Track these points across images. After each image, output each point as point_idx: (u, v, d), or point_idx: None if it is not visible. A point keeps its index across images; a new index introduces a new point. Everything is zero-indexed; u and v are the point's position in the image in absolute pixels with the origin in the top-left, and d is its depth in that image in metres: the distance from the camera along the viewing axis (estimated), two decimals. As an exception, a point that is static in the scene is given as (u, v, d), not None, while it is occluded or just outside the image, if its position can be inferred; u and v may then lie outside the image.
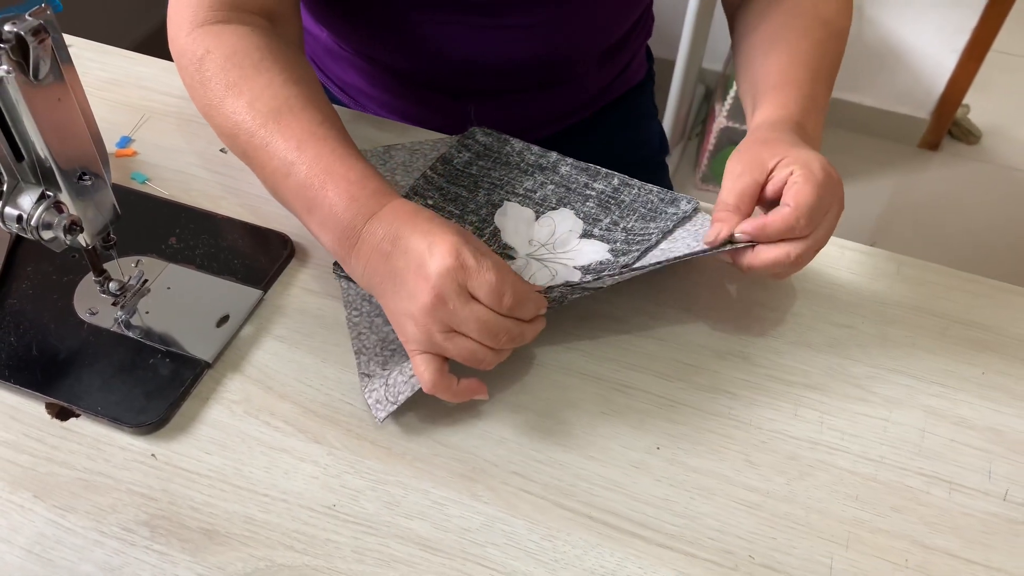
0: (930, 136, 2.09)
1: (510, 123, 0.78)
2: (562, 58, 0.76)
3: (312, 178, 0.54)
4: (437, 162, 0.69)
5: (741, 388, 0.57)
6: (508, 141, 0.70)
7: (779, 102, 0.61)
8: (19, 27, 0.43)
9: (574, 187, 0.67)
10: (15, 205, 0.48)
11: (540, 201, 0.67)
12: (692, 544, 0.49)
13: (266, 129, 0.56)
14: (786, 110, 0.60)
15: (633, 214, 0.65)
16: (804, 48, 0.64)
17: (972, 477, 0.53)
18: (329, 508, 0.50)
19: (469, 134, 0.71)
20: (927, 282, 0.65)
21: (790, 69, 0.63)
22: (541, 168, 0.68)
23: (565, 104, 0.82)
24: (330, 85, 0.86)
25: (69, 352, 0.56)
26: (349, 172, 0.54)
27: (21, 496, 0.50)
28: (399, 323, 0.51)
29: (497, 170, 0.69)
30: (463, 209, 0.66)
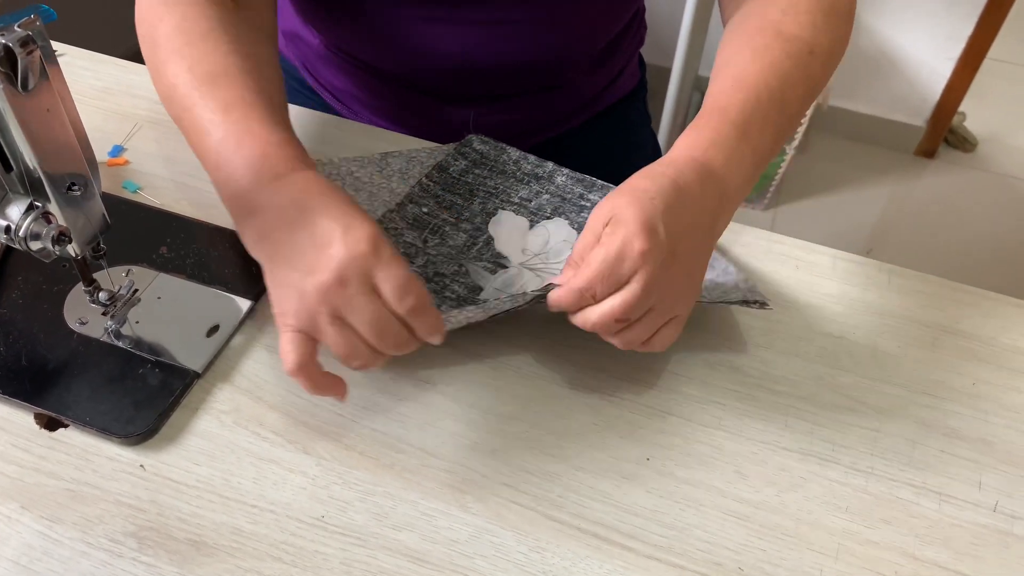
0: (926, 144, 2.09)
1: (503, 128, 0.78)
2: (553, 60, 0.76)
3: (230, 136, 0.53)
4: (433, 170, 0.69)
5: (731, 399, 0.57)
6: (505, 150, 0.70)
7: (691, 134, 0.55)
8: (7, 38, 0.43)
9: (569, 198, 0.67)
10: (3, 216, 0.48)
11: (535, 210, 0.67)
12: (682, 556, 0.49)
13: (199, 92, 0.55)
14: (694, 140, 0.55)
15: None
16: (751, 71, 0.57)
17: (962, 488, 0.53)
18: (318, 519, 0.50)
19: (466, 142, 0.71)
20: (917, 292, 0.65)
21: (723, 96, 0.57)
22: (537, 178, 0.69)
23: (558, 110, 0.83)
24: (323, 92, 0.86)
25: (58, 362, 0.56)
26: (270, 135, 0.52)
27: (8, 507, 0.50)
28: (281, 294, 0.49)
29: (493, 179, 0.69)
30: (458, 217, 0.66)
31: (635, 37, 0.86)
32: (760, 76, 0.57)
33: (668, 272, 0.50)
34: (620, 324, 0.50)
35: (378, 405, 0.55)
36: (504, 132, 0.77)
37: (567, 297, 0.50)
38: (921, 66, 1.98)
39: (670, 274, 0.50)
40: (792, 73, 0.58)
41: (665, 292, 0.50)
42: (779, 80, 0.57)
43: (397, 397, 0.56)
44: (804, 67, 0.59)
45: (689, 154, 0.54)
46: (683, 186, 0.51)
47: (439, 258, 0.63)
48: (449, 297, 0.60)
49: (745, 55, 0.59)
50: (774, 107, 0.57)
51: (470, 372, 0.58)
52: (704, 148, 0.54)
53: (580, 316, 0.51)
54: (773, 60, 0.58)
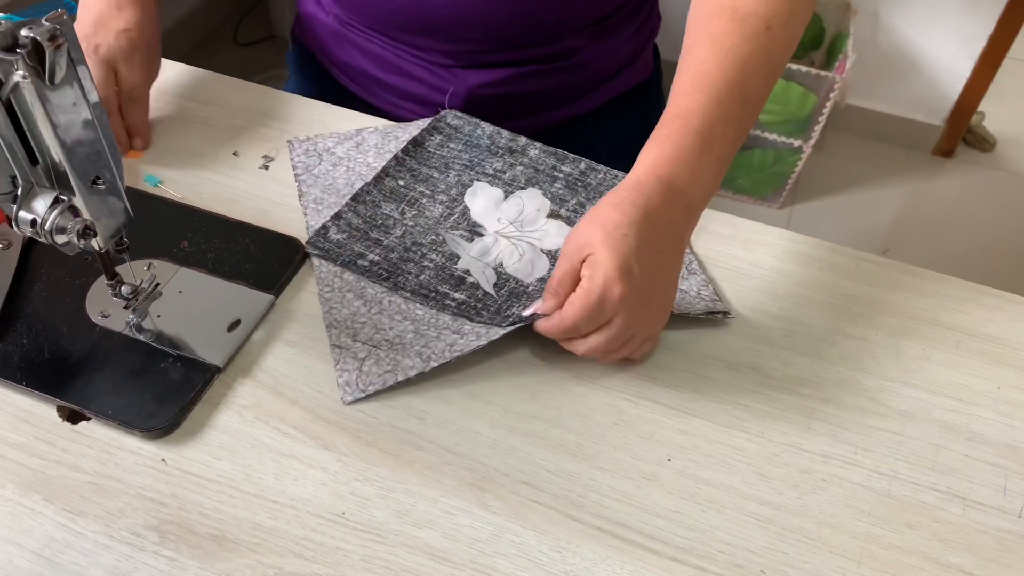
0: (944, 143, 2.07)
1: (513, 102, 0.79)
2: (550, 20, 0.76)
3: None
4: (409, 144, 0.71)
5: (753, 400, 0.57)
6: (479, 125, 0.73)
7: (655, 149, 0.56)
8: (35, 32, 0.43)
9: (542, 169, 0.70)
10: (29, 209, 0.48)
11: (509, 181, 0.69)
12: (703, 558, 0.49)
13: None
14: (659, 158, 0.56)
15: (599, 196, 0.68)
16: (708, 65, 0.57)
17: (987, 493, 0.53)
18: (338, 516, 0.50)
19: (440, 117, 0.74)
20: (941, 294, 0.64)
21: (684, 98, 0.57)
22: (511, 151, 0.71)
23: (567, 85, 0.83)
24: (339, 75, 0.88)
25: (81, 355, 0.56)
26: None
27: (32, 499, 0.50)
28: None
29: (468, 152, 0.72)
30: (434, 189, 0.68)
31: (645, 21, 0.87)
32: (719, 71, 0.57)
33: (645, 304, 0.54)
34: (607, 352, 0.55)
35: (397, 402, 0.55)
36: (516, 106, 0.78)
37: (554, 333, 0.54)
38: (940, 65, 1.96)
39: (647, 305, 0.54)
40: (751, 58, 0.57)
41: (643, 321, 0.55)
42: (738, 71, 0.57)
43: (417, 394, 0.56)
44: (763, 46, 0.58)
45: (655, 173, 0.55)
46: (652, 212, 0.53)
47: (416, 229, 0.65)
48: (427, 266, 0.62)
49: (704, 45, 0.58)
50: (735, 104, 0.57)
51: (490, 370, 0.57)
52: (668, 166, 0.55)
53: (567, 344, 0.56)
54: (731, 47, 0.57)
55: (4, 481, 0.50)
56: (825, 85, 1.75)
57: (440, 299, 0.60)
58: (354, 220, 0.65)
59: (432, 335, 0.58)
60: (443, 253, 0.64)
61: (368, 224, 0.65)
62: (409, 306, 0.60)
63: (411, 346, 0.57)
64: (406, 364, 0.56)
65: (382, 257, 0.63)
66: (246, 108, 0.77)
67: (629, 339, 0.55)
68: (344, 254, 0.63)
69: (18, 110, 0.45)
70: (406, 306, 0.60)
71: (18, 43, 0.43)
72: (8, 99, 0.44)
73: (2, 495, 0.50)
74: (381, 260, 0.63)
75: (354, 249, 0.63)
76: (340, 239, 0.64)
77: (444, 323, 0.59)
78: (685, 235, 0.57)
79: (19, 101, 0.45)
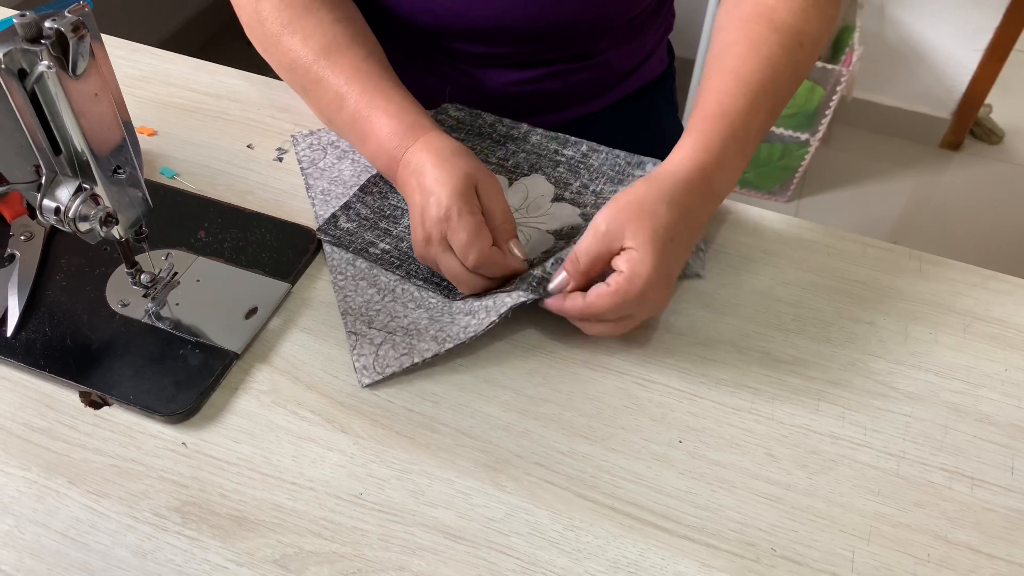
0: (951, 136, 2.08)
1: (536, 100, 0.79)
2: (586, 25, 0.77)
3: (360, 111, 0.63)
4: None
5: (762, 383, 0.57)
6: (480, 115, 0.74)
7: (702, 142, 0.58)
8: (59, 23, 0.44)
9: (544, 154, 0.71)
10: (53, 197, 0.49)
11: (512, 168, 0.70)
12: (714, 536, 0.50)
13: (319, 64, 0.64)
14: (706, 154, 0.58)
15: (601, 177, 0.69)
16: (749, 69, 0.60)
17: (995, 473, 0.53)
18: (356, 496, 0.51)
19: (441, 110, 0.75)
20: (948, 279, 0.65)
21: (727, 97, 0.59)
22: (513, 139, 0.72)
23: (588, 84, 0.83)
24: None
25: (101, 342, 0.57)
26: (389, 105, 0.63)
27: (56, 482, 0.51)
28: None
29: (470, 141, 0.72)
30: None
31: (664, 19, 0.87)
32: (759, 77, 0.60)
33: (664, 297, 0.56)
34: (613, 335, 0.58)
35: (412, 386, 0.56)
36: (534, 105, 0.78)
37: (573, 312, 0.56)
38: (947, 58, 1.96)
39: (664, 296, 0.56)
40: (785, 68, 0.61)
41: (659, 306, 0.58)
42: (773, 79, 0.61)
43: (430, 378, 0.57)
44: (794, 58, 0.62)
45: (703, 173, 0.58)
46: (693, 212, 0.57)
47: None
48: None
49: (742, 47, 0.61)
50: (767, 107, 0.61)
51: (502, 354, 0.58)
52: (714, 167, 0.58)
53: (581, 324, 0.57)
54: (769, 55, 0.61)
55: (29, 464, 0.52)
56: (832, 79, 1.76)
57: (451, 286, 0.61)
58: (363, 210, 0.66)
59: (446, 320, 0.59)
60: None
61: (376, 214, 0.66)
62: (422, 294, 0.61)
63: (426, 331, 0.58)
64: (422, 347, 0.57)
65: (392, 246, 0.64)
66: (259, 102, 0.78)
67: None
68: (355, 242, 0.64)
69: (42, 100, 0.46)
70: (419, 294, 0.61)
71: (42, 34, 0.44)
72: (32, 89, 0.46)
73: (27, 478, 0.51)
74: (392, 249, 0.64)
75: (364, 237, 0.64)
76: (350, 227, 0.65)
77: (457, 308, 0.60)
78: (705, 224, 0.60)
79: (43, 91, 0.46)
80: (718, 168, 0.58)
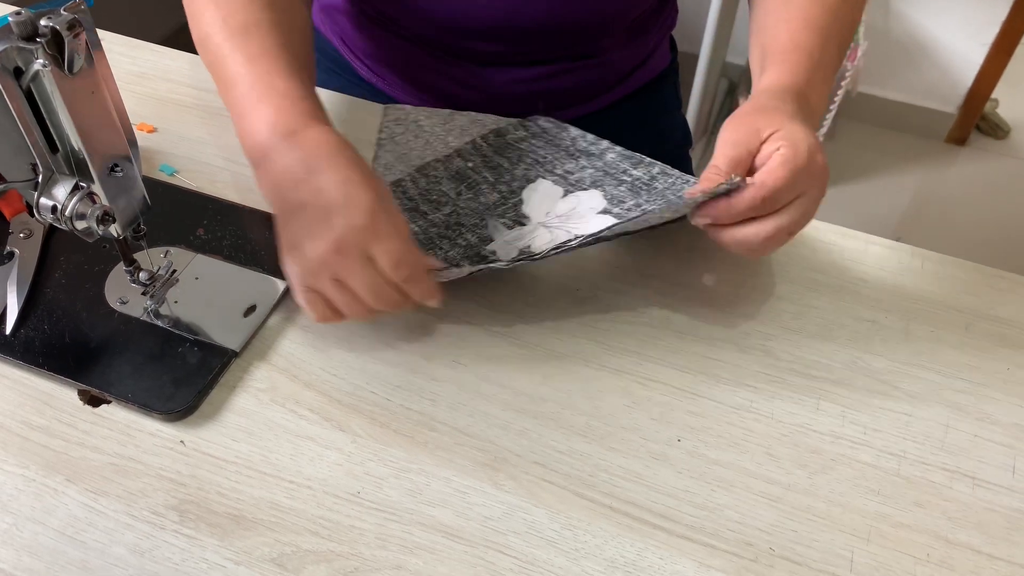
0: (957, 131, 2.06)
1: (539, 98, 0.79)
2: (592, 25, 0.76)
3: (253, 91, 0.55)
4: (490, 132, 0.72)
5: (762, 382, 0.57)
6: (567, 128, 0.73)
7: (787, 68, 0.59)
8: (54, 21, 0.44)
9: (612, 172, 0.68)
10: (50, 196, 0.49)
11: (574, 182, 0.68)
12: (713, 536, 0.50)
13: (230, 43, 0.58)
14: (792, 77, 0.58)
15: (663, 199, 0.65)
16: (816, 13, 0.61)
17: (996, 473, 0.53)
18: (353, 495, 0.51)
19: (533, 118, 0.74)
20: (951, 277, 0.64)
21: (800, 34, 0.60)
22: (588, 154, 0.70)
23: (592, 83, 0.83)
24: (360, 67, 0.86)
25: (100, 340, 0.57)
26: (289, 90, 0.55)
27: (55, 480, 0.51)
28: (287, 249, 0.52)
29: (545, 149, 0.71)
30: (498, 179, 0.68)
31: (668, 16, 0.87)
32: (825, 20, 0.61)
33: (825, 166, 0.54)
34: (788, 237, 0.53)
35: (411, 384, 0.56)
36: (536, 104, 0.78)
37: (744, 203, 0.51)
38: (953, 52, 1.95)
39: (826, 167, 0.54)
40: (846, 15, 0.63)
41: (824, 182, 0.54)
42: (839, 24, 0.62)
43: (429, 377, 0.57)
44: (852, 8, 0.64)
45: (799, 88, 0.57)
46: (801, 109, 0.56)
47: (465, 211, 0.65)
48: (459, 244, 0.63)
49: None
50: (836, 48, 0.62)
51: (501, 353, 0.58)
52: (803, 85, 0.58)
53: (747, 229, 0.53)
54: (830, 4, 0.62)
55: (27, 462, 0.52)
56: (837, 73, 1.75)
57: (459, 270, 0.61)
58: (411, 190, 0.66)
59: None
60: (479, 235, 0.64)
61: (422, 197, 0.66)
62: None
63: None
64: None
65: (422, 230, 0.64)
66: (259, 98, 0.78)
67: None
68: None
69: (38, 98, 0.46)
70: None
71: (38, 32, 0.44)
72: (28, 87, 0.46)
73: (25, 475, 0.51)
74: (420, 232, 0.63)
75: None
76: None
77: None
78: None
79: (39, 89, 0.46)
80: (809, 88, 0.58)
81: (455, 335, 0.59)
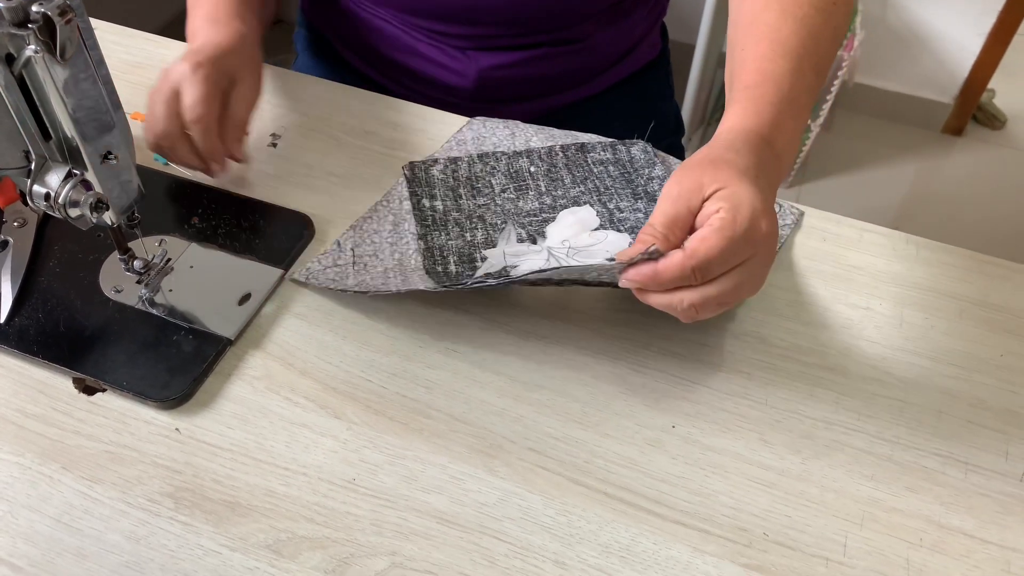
0: (954, 121, 2.06)
1: (525, 84, 0.79)
2: (566, 6, 0.76)
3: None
4: (572, 146, 0.70)
5: (757, 368, 0.57)
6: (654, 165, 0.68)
7: (751, 108, 0.54)
8: (46, 7, 0.44)
9: None
10: (43, 183, 0.49)
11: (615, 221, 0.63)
12: (706, 521, 0.50)
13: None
14: (756, 119, 0.53)
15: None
16: (787, 32, 0.56)
17: (988, 458, 0.53)
18: (349, 482, 0.51)
19: (632, 142, 0.71)
20: (945, 264, 0.64)
21: (768, 62, 0.55)
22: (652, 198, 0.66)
23: (576, 69, 0.83)
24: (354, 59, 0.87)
25: (95, 329, 0.57)
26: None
27: (50, 467, 0.51)
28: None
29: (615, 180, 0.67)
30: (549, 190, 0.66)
31: (655, 5, 0.87)
32: (797, 39, 0.56)
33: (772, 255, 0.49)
34: (721, 308, 0.49)
35: (406, 372, 0.56)
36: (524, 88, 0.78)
37: (671, 272, 0.47)
38: (950, 42, 1.95)
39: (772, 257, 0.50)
40: (823, 30, 0.58)
41: (771, 249, 0.49)
42: (814, 41, 0.57)
43: (425, 364, 0.57)
44: (831, 19, 0.58)
45: (758, 132, 0.53)
46: (760, 158, 0.51)
47: (496, 209, 0.65)
48: (465, 237, 0.63)
49: (774, 12, 0.58)
50: (812, 73, 0.57)
51: (496, 341, 0.58)
52: (768, 128, 0.53)
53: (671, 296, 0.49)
54: (804, 16, 0.57)
55: (23, 450, 0.52)
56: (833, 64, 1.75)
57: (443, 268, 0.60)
58: (461, 172, 0.67)
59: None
60: (488, 235, 0.62)
61: (467, 181, 0.66)
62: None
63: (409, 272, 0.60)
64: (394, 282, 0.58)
65: (440, 212, 0.64)
66: (254, 87, 0.77)
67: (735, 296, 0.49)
68: (426, 191, 0.65)
69: (30, 85, 0.46)
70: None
71: (29, 18, 0.44)
72: (20, 74, 0.45)
73: (21, 463, 0.51)
74: (438, 212, 0.64)
75: (434, 191, 0.65)
76: (436, 174, 0.67)
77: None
78: None
79: (31, 76, 0.46)
80: (775, 130, 0.53)
81: (450, 323, 0.59)
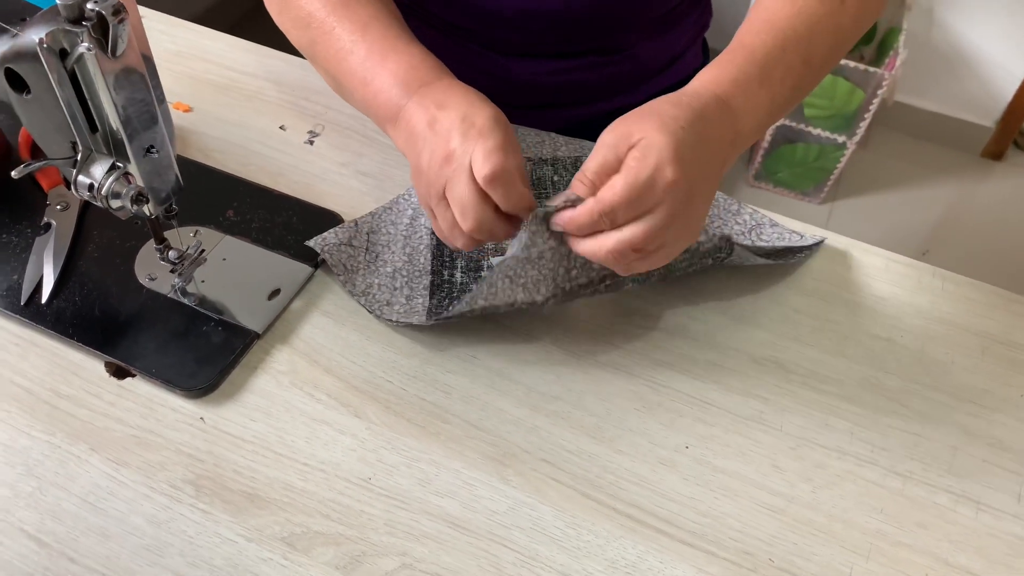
0: (994, 145, 2.03)
1: (563, 91, 0.79)
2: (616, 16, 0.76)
3: (374, 54, 0.59)
4: None
5: (773, 393, 0.58)
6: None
7: (718, 70, 0.55)
8: (100, 6, 0.45)
9: None
10: (87, 174, 0.51)
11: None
12: (713, 543, 0.50)
13: (335, 15, 0.61)
14: (717, 80, 0.54)
15: None
16: (783, 15, 0.57)
17: (1002, 499, 0.53)
18: (365, 481, 0.52)
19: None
20: (970, 299, 0.64)
21: (752, 35, 0.56)
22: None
23: (620, 78, 0.83)
24: None
25: (128, 315, 0.59)
26: (411, 49, 0.59)
27: (79, 448, 0.53)
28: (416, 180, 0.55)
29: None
30: None
31: (699, 17, 0.87)
32: (788, 22, 0.57)
33: (687, 205, 0.49)
34: (636, 255, 0.50)
35: (426, 375, 0.57)
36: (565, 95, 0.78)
37: (583, 217, 0.48)
38: (995, 64, 1.92)
39: (688, 207, 0.50)
40: (822, 21, 0.58)
41: (679, 227, 0.50)
42: (808, 28, 0.57)
43: (445, 369, 0.58)
44: (834, 16, 0.59)
45: (711, 90, 0.54)
46: (707, 120, 0.51)
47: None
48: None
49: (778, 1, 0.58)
50: (799, 56, 0.57)
51: (516, 350, 0.59)
52: (726, 86, 0.54)
53: (592, 241, 0.50)
54: (804, 4, 0.58)
55: (54, 429, 0.54)
56: (873, 81, 1.73)
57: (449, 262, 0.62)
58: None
59: None
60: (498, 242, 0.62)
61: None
62: None
63: None
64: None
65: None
66: (294, 83, 0.79)
67: (659, 247, 0.50)
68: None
69: (81, 80, 0.47)
70: None
71: (84, 16, 0.45)
72: (72, 69, 0.47)
73: (51, 442, 0.53)
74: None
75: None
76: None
77: None
78: (727, 161, 0.54)
79: (82, 71, 0.47)
80: (734, 87, 0.53)
81: (471, 329, 0.60)
